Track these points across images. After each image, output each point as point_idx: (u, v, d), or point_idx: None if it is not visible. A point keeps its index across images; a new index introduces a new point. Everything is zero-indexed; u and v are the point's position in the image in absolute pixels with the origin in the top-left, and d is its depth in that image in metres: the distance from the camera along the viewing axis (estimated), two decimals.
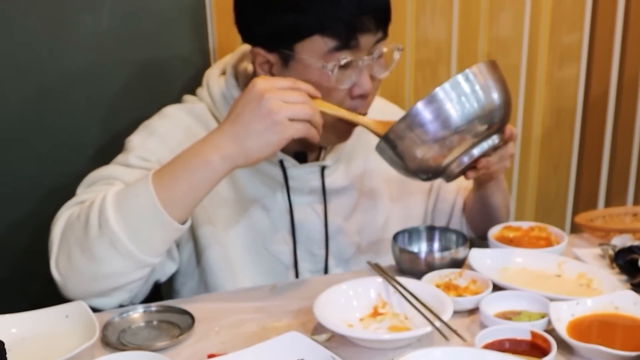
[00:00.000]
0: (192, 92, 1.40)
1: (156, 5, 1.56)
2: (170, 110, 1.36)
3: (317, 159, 1.38)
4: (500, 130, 1.20)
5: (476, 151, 1.19)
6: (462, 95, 1.13)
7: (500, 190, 1.42)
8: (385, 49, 1.25)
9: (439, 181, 1.50)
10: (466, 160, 1.19)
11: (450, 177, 1.23)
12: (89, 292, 1.17)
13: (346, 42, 1.17)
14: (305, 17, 1.16)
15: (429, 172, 1.20)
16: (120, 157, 1.29)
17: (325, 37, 1.17)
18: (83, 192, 1.24)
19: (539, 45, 2.03)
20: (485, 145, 1.19)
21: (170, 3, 1.57)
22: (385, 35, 1.23)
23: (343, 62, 1.18)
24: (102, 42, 1.53)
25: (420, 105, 1.13)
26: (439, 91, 1.13)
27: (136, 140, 1.30)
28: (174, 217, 1.12)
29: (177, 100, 1.40)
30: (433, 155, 1.16)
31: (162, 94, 1.50)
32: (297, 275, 1.37)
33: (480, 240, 1.53)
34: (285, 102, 1.09)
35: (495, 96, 1.16)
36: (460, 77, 1.14)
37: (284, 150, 1.32)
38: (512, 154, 1.29)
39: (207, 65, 1.58)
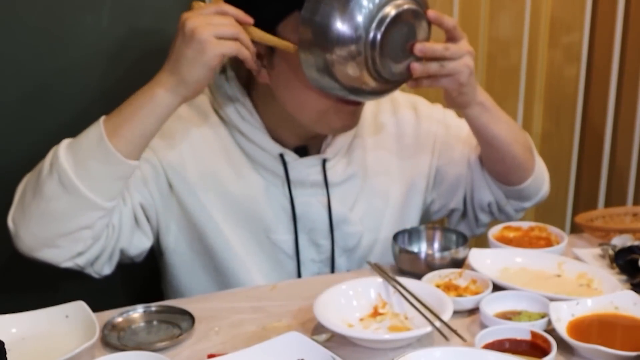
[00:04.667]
0: None
1: (156, 2, 1.56)
2: None
3: (318, 153, 1.38)
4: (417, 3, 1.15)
5: (388, 14, 1.12)
6: None
7: (496, 119, 1.34)
8: None
9: (437, 155, 1.47)
10: (377, 35, 1.12)
11: (384, 54, 1.14)
12: (38, 239, 1.18)
13: None
14: None
15: (354, 59, 1.13)
16: None
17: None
18: None
19: (539, 45, 2.03)
20: (395, 10, 1.12)
21: (171, 3, 1.57)
22: None
23: None
24: (103, 40, 1.53)
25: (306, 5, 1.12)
26: None
27: None
28: (121, 153, 1.15)
29: None
30: (344, 41, 1.12)
31: None
32: (299, 265, 1.38)
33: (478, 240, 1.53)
34: (209, 24, 1.13)
35: None
36: None
37: (285, 144, 1.33)
38: (469, 51, 1.21)
39: None
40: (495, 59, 2.00)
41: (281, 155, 1.33)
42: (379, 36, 1.13)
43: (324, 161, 1.36)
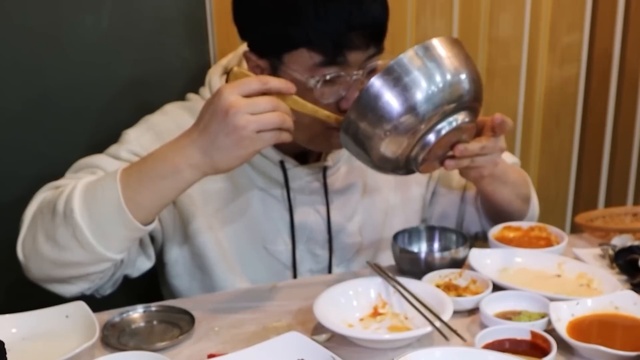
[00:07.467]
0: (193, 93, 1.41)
1: (156, 6, 1.56)
2: (171, 108, 1.36)
3: (318, 160, 1.37)
4: (470, 109, 1.13)
5: (442, 128, 1.11)
6: (419, 68, 1.07)
7: (504, 184, 1.36)
8: (380, 62, 1.21)
9: (437, 173, 1.48)
10: (432, 139, 1.11)
11: (419, 164, 1.15)
12: (50, 277, 1.18)
13: (333, 57, 1.15)
14: (293, 30, 1.15)
15: (394, 158, 1.14)
16: (112, 148, 1.30)
17: (311, 51, 1.15)
18: (67, 177, 1.26)
19: (539, 45, 2.03)
20: (454, 122, 1.11)
21: (171, 5, 1.57)
22: (379, 50, 1.20)
23: (328, 77, 1.16)
24: (103, 43, 1.53)
25: (375, 80, 1.08)
26: (394, 64, 1.07)
27: (132, 134, 1.31)
28: (137, 218, 1.12)
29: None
30: (395, 137, 1.10)
31: (162, 96, 1.50)
32: (295, 276, 1.37)
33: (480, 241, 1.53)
34: (252, 114, 1.05)
35: (458, 69, 1.10)
36: (417, 49, 1.08)
37: (285, 151, 1.33)
38: (501, 149, 1.23)
39: (207, 67, 1.58)
40: (495, 59, 2.00)
41: (281, 162, 1.32)
42: (432, 140, 1.12)
43: (325, 169, 1.36)
